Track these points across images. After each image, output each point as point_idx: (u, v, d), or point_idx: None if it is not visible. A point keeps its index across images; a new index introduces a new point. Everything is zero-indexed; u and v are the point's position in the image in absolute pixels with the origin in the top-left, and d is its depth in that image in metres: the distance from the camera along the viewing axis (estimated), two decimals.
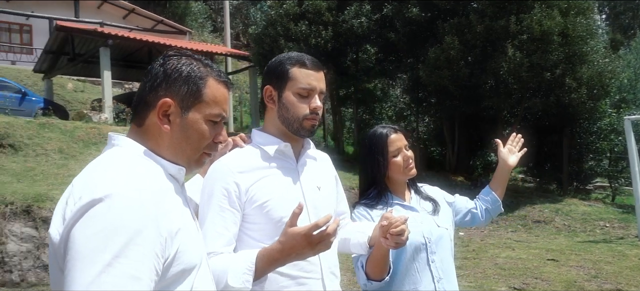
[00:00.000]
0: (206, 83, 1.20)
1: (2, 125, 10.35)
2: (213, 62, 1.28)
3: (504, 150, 2.16)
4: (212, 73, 1.23)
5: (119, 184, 1.02)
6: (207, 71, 1.22)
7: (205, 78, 1.20)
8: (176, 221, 1.09)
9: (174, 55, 1.23)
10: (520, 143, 2.19)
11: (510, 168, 2.15)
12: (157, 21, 24.66)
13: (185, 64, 1.21)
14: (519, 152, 2.17)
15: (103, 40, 13.56)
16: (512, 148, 2.17)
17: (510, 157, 2.14)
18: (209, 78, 1.21)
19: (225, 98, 1.25)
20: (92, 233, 0.97)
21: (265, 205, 1.50)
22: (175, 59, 1.22)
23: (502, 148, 2.17)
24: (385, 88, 16.77)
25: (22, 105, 13.89)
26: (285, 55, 1.61)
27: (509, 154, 2.15)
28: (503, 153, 2.15)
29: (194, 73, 1.20)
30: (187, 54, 1.25)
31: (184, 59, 1.22)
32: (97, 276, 0.94)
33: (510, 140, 2.21)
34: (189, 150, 1.19)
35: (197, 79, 1.19)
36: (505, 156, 2.14)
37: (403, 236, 1.55)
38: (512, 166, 2.14)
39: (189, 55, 1.24)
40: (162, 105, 1.15)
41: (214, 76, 1.23)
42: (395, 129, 1.96)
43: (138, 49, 15.88)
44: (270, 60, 1.68)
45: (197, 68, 1.21)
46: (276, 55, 1.62)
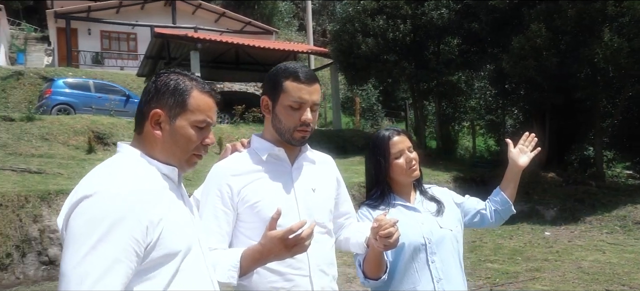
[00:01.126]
0: (190, 94, 1.38)
1: (107, 125, 11.55)
2: (296, 60, 1.45)
3: (514, 150, 2.10)
4: (197, 86, 1.41)
5: (106, 183, 1.24)
6: (191, 84, 1.40)
7: (189, 91, 1.38)
8: (160, 212, 1.27)
9: (165, 72, 1.42)
10: (532, 143, 2.12)
11: (520, 169, 2.08)
12: (245, 22, 25.86)
13: (173, 80, 1.39)
14: (531, 152, 2.10)
15: (193, 44, 14.55)
16: (524, 148, 2.11)
17: (521, 157, 2.08)
18: (193, 90, 1.39)
19: (210, 106, 1.41)
20: (82, 222, 1.19)
21: (256, 205, 1.62)
22: (165, 75, 1.41)
23: (512, 148, 2.11)
24: (470, 80, 16.12)
25: (126, 106, 15.31)
26: (282, 67, 1.70)
27: (519, 154, 2.09)
28: (513, 153, 2.09)
29: (179, 86, 1.38)
30: (177, 71, 1.43)
31: (173, 75, 1.41)
32: (83, 258, 1.15)
33: (522, 139, 2.14)
34: (179, 152, 1.38)
35: (182, 91, 1.38)
36: (514, 156, 2.08)
37: (391, 239, 1.58)
38: (522, 167, 2.08)
39: (178, 72, 1.43)
40: (153, 115, 1.35)
41: (198, 88, 1.40)
42: (398, 132, 2.00)
43: (226, 51, 16.82)
44: (349, 56, 1.79)
45: (183, 82, 1.39)
46: (355, 51, 1.68)
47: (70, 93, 14.75)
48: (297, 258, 1.58)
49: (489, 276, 6.10)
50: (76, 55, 23.22)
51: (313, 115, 1.67)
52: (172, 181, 1.39)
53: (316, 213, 1.70)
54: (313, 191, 1.73)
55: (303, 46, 17.97)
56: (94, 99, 14.64)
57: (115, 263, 1.16)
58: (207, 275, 1.43)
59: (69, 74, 18.14)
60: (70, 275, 1.14)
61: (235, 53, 17.13)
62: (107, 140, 11.10)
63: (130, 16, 23.72)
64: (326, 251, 1.72)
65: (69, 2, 24.21)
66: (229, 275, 1.49)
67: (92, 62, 23.40)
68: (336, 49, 14.38)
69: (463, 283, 1.97)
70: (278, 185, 1.68)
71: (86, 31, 23.72)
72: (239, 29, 25.72)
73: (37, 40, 27.35)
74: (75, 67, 22.03)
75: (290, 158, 1.73)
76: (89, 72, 20.37)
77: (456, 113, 16.92)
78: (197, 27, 23.72)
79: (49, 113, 13.55)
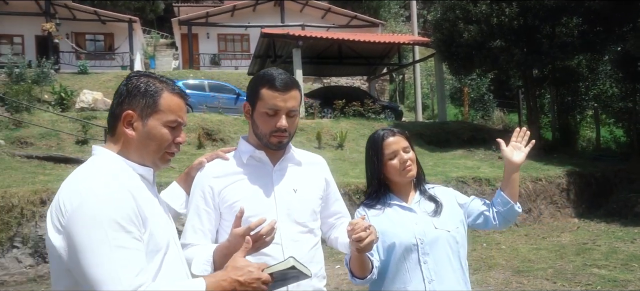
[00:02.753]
0: (161, 95, 1.46)
1: (215, 122, 12.47)
2: (399, 52, 1.48)
3: (507, 149, 1.99)
4: (167, 87, 1.49)
5: (94, 186, 1.31)
6: (162, 86, 1.48)
7: (160, 92, 1.47)
8: (146, 207, 1.37)
9: (135, 75, 1.51)
10: (526, 138, 1.99)
11: (515, 167, 1.96)
12: (351, 17, 26.03)
13: (143, 82, 1.48)
14: (525, 146, 1.98)
15: (295, 42, 15.05)
16: (517, 144, 1.99)
17: (515, 154, 1.97)
18: (163, 92, 1.47)
19: (180, 107, 1.49)
20: (86, 229, 1.25)
21: (234, 205, 1.71)
22: (136, 78, 1.49)
23: (504, 146, 2.00)
24: (592, 64, 14.46)
25: (236, 104, 16.38)
26: (261, 74, 1.78)
27: (513, 151, 1.97)
28: (506, 152, 1.99)
29: (150, 88, 1.46)
30: (146, 74, 1.52)
31: (143, 78, 1.49)
32: (100, 251, 1.23)
33: (514, 135, 2.02)
34: (153, 151, 1.46)
35: (153, 93, 1.46)
36: (508, 154, 1.97)
37: (362, 243, 1.60)
38: (518, 163, 1.96)
39: (148, 75, 1.51)
40: (126, 116, 1.44)
41: (168, 90, 1.48)
42: (393, 132, 2.02)
43: (328, 46, 17.13)
44: (450, 45, 1.82)
45: (153, 84, 1.47)
46: (457, 40, 1.68)
47: (188, 94, 16.15)
48: (273, 256, 1.65)
49: (590, 282, 5.48)
50: (197, 58, 25.36)
51: (290, 121, 1.74)
52: (147, 181, 1.48)
53: (296, 213, 1.78)
54: (294, 192, 1.79)
55: (405, 37, 17.60)
56: (208, 98, 15.86)
57: (130, 252, 1.25)
58: (183, 271, 1.52)
59: (189, 76, 19.87)
60: (99, 276, 1.22)
61: (338, 48, 17.37)
62: (215, 136, 11.99)
63: (244, 18, 25.24)
64: (306, 249, 1.77)
65: (191, 9, 26.53)
66: (203, 268, 1.59)
67: (211, 63, 25.37)
68: (437, 38, 13.87)
69: (461, 285, 1.93)
70: (257, 186, 1.76)
71: (205, 35, 25.79)
72: (345, 24, 25.97)
73: (167, 46, 30.42)
74: (197, 68, 24.10)
75: (272, 161, 1.80)
76: (207, 73, 22.12)
77: (577, 101, 15.29)
78: (304, 24, 24.45)
79: None
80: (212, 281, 1.37)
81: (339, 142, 12.59)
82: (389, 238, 1.91)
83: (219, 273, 1.42)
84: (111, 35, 24.79)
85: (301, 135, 12.89)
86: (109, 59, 24.09)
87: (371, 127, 14.25)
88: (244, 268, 1.39)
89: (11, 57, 16.93)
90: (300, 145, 12.42)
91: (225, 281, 1.37)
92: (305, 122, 13.79)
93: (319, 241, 1.87)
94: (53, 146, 10.42)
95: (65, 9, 22.40)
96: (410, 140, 2.06)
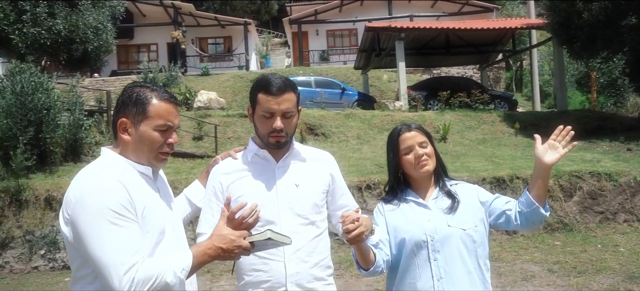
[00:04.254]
0: (150, 103, 1.64)
1: (317, 117, 12.85)
2: (513, 37, 1.64)
3: (541, 147, 1.84)
4: (157, 95, 1.66)
5: (95, 181, 1.54)
6: (152, 95, 1.66)
7: (149, 100, 1.65)
8: (141, 196, 1.56)
9: (129, 86, 1.70)
10: (567, 138, 1.81)
11: (546, 167, 1.82)
12: (462, 3, 24.92)
13: (135, 92, 1.66)
14: (563, 148, 1.80)
15: (397, 34, 14.87)
16: (555, 143, 1.82)
17: (547, 154, 1.82)
18: (152, 99, 1.65)
19: (169, 111, 1.66)
20: (88, 218, 1.48)
21: (239, 199, 1.85)
22: (130, 89, 1.69)
23: (539, 143, 1.84)
24: None
25: (341, 98, 16.71)
26: (258, 79, 1.93)
27: (546, 151, 1.83)
28: (539, 149, 1.84)
29: (140, 97, 1.65)
30: (140, 84, 1.70)
31: (136, 89, 1.68)
32: (100, 234, 1.46)
33: (555, 133, 1.84)
34: (146, 152, 1.64)
35: (142, 101, 1.64)
36: (540, 153, 1.83)
37: (349, 234, 1.68)
38: (549, 164, 1.81)
39: (140, 85, 1.70)
40: (120, 123, 1.64)
41: (157, 97, 1.66)
42: (409, 127, 2.02)
43: (435, 36, 16.61)
44: (568, 27, 1.91)
45: (143, 93, 1.66)
46: (575, 21, 1.67)
47: None
48: None
49: None
50: (307, 55, 26.24)
51: (287, 122, 1.88)
52: (147, 177, 1.67)
53: (297, 206, 1.90)
54: (296, 186, 1.92)
55: (517, 21, 16.35)
56: (314, 94, 16.39)
57: (126, 233, 1.47)
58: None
59: (299, 73, 20.67)
60: (105, 256, 1.44)
61: (446, 37, 16.77)
62: (317, 131, 12.37)
63: (351, 13, 25.51)
64: (306, 240, 1.89)
65: (303, 7, 27.48)
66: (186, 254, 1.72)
67: (320, 59, 26.08)
68: (553, 21, 12.72)
69: (477, 286, 1.87)
70: (261, 182, 1.92)
71: (314, 32, 26.56)
72: (456, 11, 24.95)
73: (281, 45, 31.97)
74: (307, 65, 24.94)
75: (276, 158, 1.95)
76: (316, 69, 22.79)
77: None
78: (412, 14, 23.99)
79: None
80: (199, 251, 1.55)
81: (441, 134, 12.21)
82: (400, 234, 1.92)
83: (205, 242, 1.59)
84: (230, 38, 26.72)
85: None
86: (227, 61, 26.00)
87: (478, 118, 13.58)
88: (226, 237, 1.56)
89: (146, 64, 19.13)
90: None
91: (211, 249, 1.55)
92: (407, 114, 13.59)
93: (322, 233, 1.97)
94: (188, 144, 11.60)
95: (190, 17, 24.66)
96: (429, 135, 2.04)
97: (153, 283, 1.45)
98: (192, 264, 1.53)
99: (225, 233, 1.57)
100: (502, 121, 13.52)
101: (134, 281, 1.42)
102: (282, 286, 1.85)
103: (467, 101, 14.33)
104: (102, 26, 12.97)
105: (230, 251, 1.55)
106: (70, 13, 12.13)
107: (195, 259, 1.53)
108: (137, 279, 1.43)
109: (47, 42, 11.63)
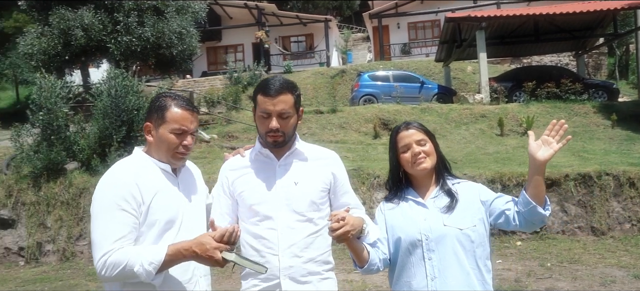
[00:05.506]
0: (168, 110, 1.89)
1: (392, 112, 12.71)
2: (614, 19, 1.90)
3: (534, 143, 1.75)
4: (175, 103, 1.90)
5: (110, 174, 1.84)
6: (171, 103, 1.90)
7: (168, 107, 1.89)
8: (152, 187, 1.81)
9: (157, 95, 1.95)
10: (560, 132, 1.72)
11: (540, 164, 1.73)
12: None
13: (159, 100, 1.92)
14: (558, 143, 1.72)
15: (478, 24, 14.19)
16: (548, 138, 1.74)
17: (541, 151, 1.73)
18: (171, 107, 1.89)
19: (184, 117, 1.89)
20: (94, 204, 1.80)
21: (242, 194, 2.01)
22: (156, 98, 1.94)
23: (532, 140, 1.76)
24: None
25: (420, 92, 16.30)
26: (260, 82, 2.03)
27: (539, 147, 1.74)
28: (532, 146, 1.76)
29: (161, 105, 1.90)
30: (165, 94, 1.94)
31: (161, 98, 1.93)
32: (97, 220, 1.76)
33: (549, 127, 1.75)
34: (165, 151, 1.91)
35: (162, 108, 1.90)
36: (533, 149, 1.77)
37: (334, 233, 1.72)
38: (542, 161, 1.72)
39: (165, 95, 1.93)
40: (145, 127, 1.93)
41: (175, 105, 1.90)
42: (407, 125, 2.02)
43: (523, 23, 15.60)
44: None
45: (164, 101, 1.90)
46: None
47: (374, 85, 16.74)
48: (270, 239, 1.94)
49: None
50: (388, 49, 25.93)
51: (283, 122, 1.95)
52: (167, 172, 1.91)
53: (294, 203, 1.99)
54: (295, 184, 1.99)
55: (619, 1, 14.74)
56: (392, 88, 16.16)
57: (116, 224, 1.75)
58: None
59: (379, 67, 20.50)
60: (95, 238, 1.76)
61: (534, 24, 15.66)
62: (391, 126, 12.22)
63: (433, 4, 24.75)
64: (301, 236, 1.96)
65: (382, 1, 27.17)
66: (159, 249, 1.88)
67: (401, 53, 25.64)
68: None
69: (474, 286, 1.85)
70: (262, 178, 2.02)
71: (396, 25, 26.16)
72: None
73: (363, 40, 31.88)
74: (388, 59, 24.66)
75: (277, 156, 2.03)
76: (397, 63, 22.46)
77: None
78: (499, 1, 22.75)
79: (357, 104, 15.81)
80: (175, 249, 1.74)
81: (525, 128, 11.49)
82: (397, 233, 1.94)
83: (185, 243, 1.76)
84: (311, 36, 27.20)
85: (482, 122, 12.21)
86: (309, 58, 26.49)
87: (569, 110, 12.60)
88: (203, 245, 1.72)
89: (231, 64, 20.13)
90: (479, 132, 11.77)
91: (187, 250, 1.73)
92: (488, 107, 12.95)
93: (319, 230, 2.01)
94: (252, 139, 12.11)
95: (273, 17, 25.47)
96: (430, 134, 2.02)
97: (121, 269, 1.68)
98: (164, 260, 1.71)
99: (204, 241, 1.73)
100: (596, 112, 12.43)
101: (106, 265, 1.69)
102: (276, 279, 1.95)
103: (556, 91, 13.33)
104: (186, 31, 13.96)
105: (203, 258, 1.73)
106: (157, 21, 13.24)
107: (168, 256, 1.72)
108: (108, 263, 1.69)
109: (138, 48, 12.83)
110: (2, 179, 9.37)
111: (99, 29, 12.89)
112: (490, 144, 11.00)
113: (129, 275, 1.69)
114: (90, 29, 12.94)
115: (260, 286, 1.97)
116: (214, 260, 1.71)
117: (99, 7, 13.25)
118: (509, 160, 9.20)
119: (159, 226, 1.81)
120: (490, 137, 11.45)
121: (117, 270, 1.68)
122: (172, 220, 1.84)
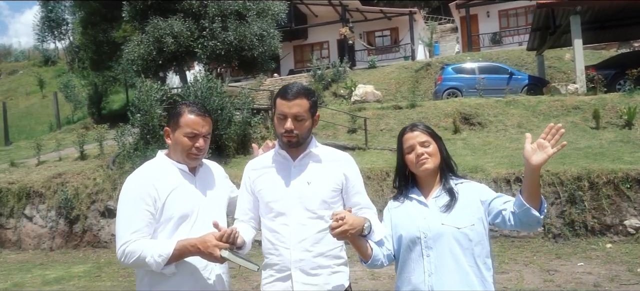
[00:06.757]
0: (182, 116, 2.12)
1: (473, 106, 12.21)
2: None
3: (529, 146, 1.76)
4: (189, 110, 2.13)
5: (134, 174, 2.11)
6: (185, 109, 2.13)
7: (182, 114, 2.12)
8: (168, 185, 2.05)
9: (175, 103, 2.17)
10: (557, 137, 1.71)
11: (534, 168, 1.74)
12: None
13: (177, 107, 2.15)
14: (552, 148, 1.71)
15: (573, 7, 13.12)
16: (544, 142, 1.73)
17: (535, 155, 1.75)
18: (184, 113, 2.12)
19: (196, 122, 2.11)
20: (119, 199, 2.08)
21: (260, 191, 2.20)
22: (174, 106, 2.17)
23: (528, 143, 1.77)
24: None
25: (509, 84, 15.42)
26: (280, 88, 2.19)
27: (534, 151, 1.76)
28: (527, 150, 1.79)
29: (177, 112, 2.14)
30: (182, 102, 2.17)
31: (178, 105, 2.16)
32: (120, 214, 2.04)
33: (545, 131, 1.74)
34: (180, 153, 2.15)
35: (178, 114, 2.13)
36: (528, 153, 1.77)
37: (333, 232, 1.84)
38: (536, 165, 1.72)
39: (182, 103, 2.16)
40: (165, 131, 2.17)
41: (189, 111, 2.12)
42: (412, 127, 2.10)
43: (625, 6, 14.13)
44: None
45: (180, 108, 2.14)
46: None
47: (457, 78, 16.16)
48: (283, 233, 2.13)
49: None
50: (476, 39, 24.80)
51: (298, 125, 2.10)
52: (184, 172, 2.14)
53: (307, 201, 2.13)
54: (308, 184, 2.14)
55: None
56: (478, 81, 15.47)
57: (134, 218, 2.01)
58: None
59: (466, 59, 19.69)
60: (118, 229, 2.03)
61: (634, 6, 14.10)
62: (472, 120, 11.75)
63: None
64: (312, 232, 2.10)
65: None
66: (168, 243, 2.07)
67: (491, 42, 24.40)
68: None
69: (471, 284, 1.90)
70: (278, 178, 2.18)
71: (485, 14, 24.94)
72: None
73: (452, 31, 30.77)
74: (477, 50, 23.60)
75: (293, 157, 2.19)
76: (486, 53, 21.40)
77: None
78: None
79: (441, 98, 15.37)
80: (182, 244, 1.96)
81: (626, 120, 10.46)
82: (399, 230, 2.03)
83: (191, 239, 1.97)
84: (396, 29, 26.84)
85: (574, 114, 11.30)
86: (394, 52, 26.17)
87: None
88: (206, 243, 1.94)
89: (315, 62, 20.53)
90: (571, 125, 10.88)
91: (192, 246, 1.95)
92: (583, 98, 11.94)
93: None
94: (330, 135, 12.33)
95: (357, 13, 25.53)
96: (435, 135, 2.08)
97: (136, 258, 1.93)
98: (173, 254, 1.94)
99: (206, 239, 1.94)
100: None
101: (125, 253, 1.97)
102: (288, 270, 2.12)
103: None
104: (267, 33, 14.61)
105: (204, 254, 1.94)
106: (239, 25, 14.01)
107: (176, 250, 1.95)
108: (126, 251, 1.96)
109: (222, 51, 13.71)
110: (109, 174, 10.50)
111: (187, 35, 13.98)
112: (583, 138, 10.17)
113: (142, 263, 1.95)
114: (180, 36, 14.02)
115: (275, 276, 2.15)
116: (213, 256, 1.91)
117: (187, 15, 14.31)
118: (601, 155, 8.46)
119: (174, 220, 2.03)
120: (583, 131, 10.57)
121: (133, 259, 1.95)
122: (186, 214, 2.06)
